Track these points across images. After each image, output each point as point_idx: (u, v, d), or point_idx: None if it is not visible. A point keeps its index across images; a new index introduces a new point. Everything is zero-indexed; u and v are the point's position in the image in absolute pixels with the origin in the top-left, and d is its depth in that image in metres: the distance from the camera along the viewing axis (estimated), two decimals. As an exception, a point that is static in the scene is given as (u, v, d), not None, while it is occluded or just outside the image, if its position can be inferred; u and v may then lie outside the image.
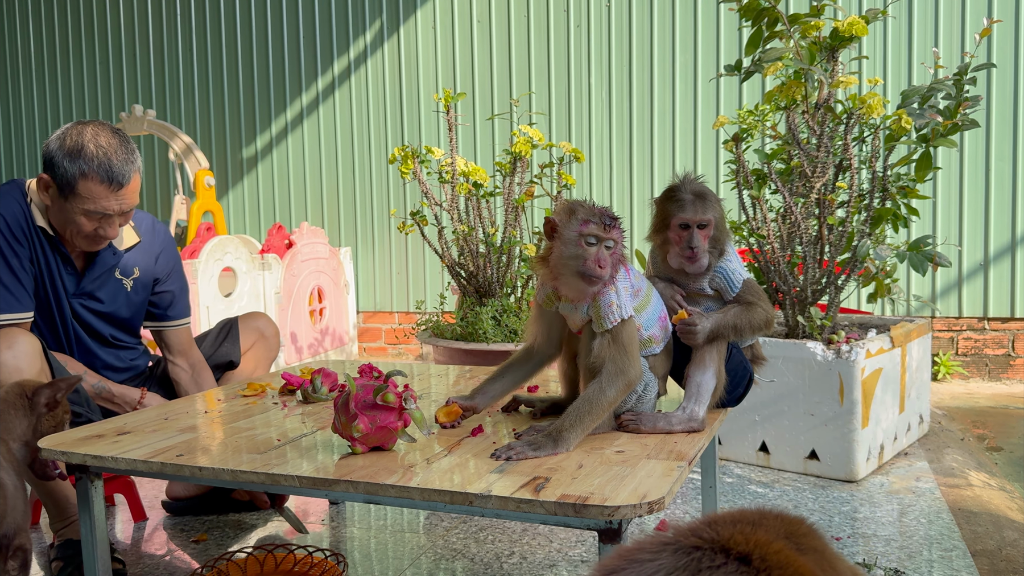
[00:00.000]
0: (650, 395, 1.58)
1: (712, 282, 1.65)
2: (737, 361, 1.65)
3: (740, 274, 1.64)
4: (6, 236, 1.94)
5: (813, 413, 2.52)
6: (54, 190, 1.94)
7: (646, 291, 1.60)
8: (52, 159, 1.93)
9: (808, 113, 2.61)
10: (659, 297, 1.63)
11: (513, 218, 3.19)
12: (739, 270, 1.64)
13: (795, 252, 2.69)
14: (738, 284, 1.63)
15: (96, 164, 1.90)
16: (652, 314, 1.58)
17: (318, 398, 1.95)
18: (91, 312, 2.10)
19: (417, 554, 2.02)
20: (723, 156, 4.23)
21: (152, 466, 1.46)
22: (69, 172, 1.90)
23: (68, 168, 1.90)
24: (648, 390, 1.57)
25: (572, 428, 1.45)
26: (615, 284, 1.51)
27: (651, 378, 1.58)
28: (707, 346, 1.60)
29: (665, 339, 1.62)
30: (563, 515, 1.19)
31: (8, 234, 1.94)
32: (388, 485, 1.31)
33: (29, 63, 5.54)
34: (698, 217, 1.58)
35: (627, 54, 4.39)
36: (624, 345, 1.49)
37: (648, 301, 1.59)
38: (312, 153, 4.97)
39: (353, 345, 4.81)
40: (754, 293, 1.63)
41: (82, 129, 1.94)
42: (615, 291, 1.51)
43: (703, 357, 1.59)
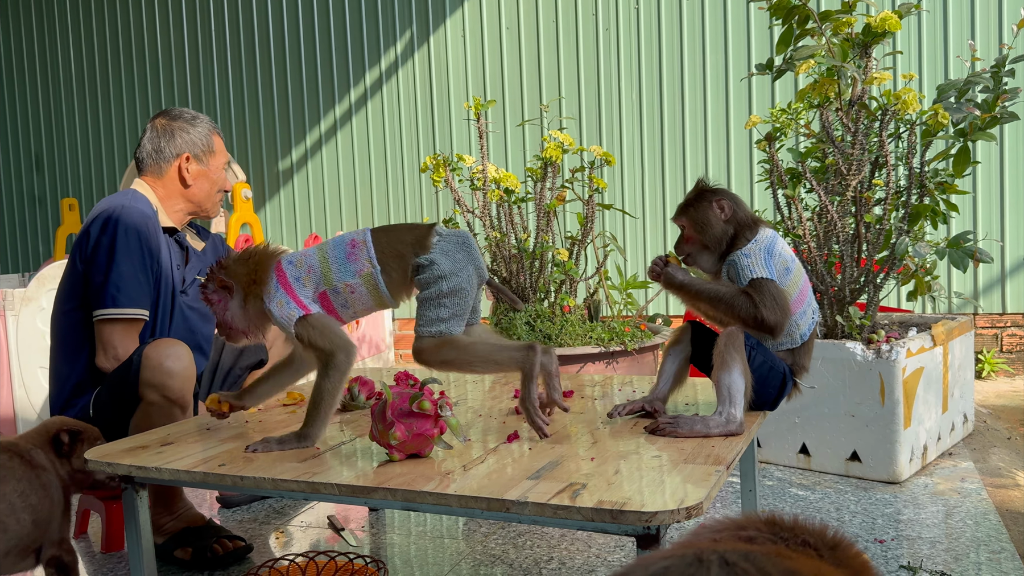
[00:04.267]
0: None
1: (728, 272, 1.68)
2: (760, 361, 1.63)
3: (752, 271, 1.63)
4: (147, 234, 2.01)
5: (854, 414, 2.49)
6: (195, 163, 2.11)
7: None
8: (172, 142, 2.09)
9: (842, 110, 2.58)
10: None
11: (545, 223, 3.19)
12: (752, 266, 1.64)
13: (832, 251, 2.66)
14: (745, 279, 1.63)
15: (208, 122, 2.15)
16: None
17: (356, 406, 1.97)
18: (190, 308, 2.20)
19: (456, 560, 2.03)
20: (756, 155, 4.19)
21: (195, 476, 1.48)
22: (201, 136, 2.11)
23: (199, 134, 2.11)
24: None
25: (311, 423, 1.58)
26: (268, 294, 1.61)
27: None
28: (723, 346, 1.59)
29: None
30: (600, 521, 1.19)
31: (147, 232, 2.01)
32: (426, 492, 1.32)
33: (71, 81, 5.67)
34: (677, 221, 1.74)
35: (656, 56, 4.38)
36: (321, 331, 1.58)
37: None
38: (346, 164, 5.03)
39: (390, 352, 4.85)
40: (758, 290, 1.62)
41: (166, 115, 2.14)
42: (279, 297, 1.61)
43: (723, 358, 1.59)
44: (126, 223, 1.96)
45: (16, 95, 5.82)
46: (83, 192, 5.71)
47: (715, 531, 0.80)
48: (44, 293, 3.05)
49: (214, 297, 1.65)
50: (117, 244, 1.93)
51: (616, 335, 2.97)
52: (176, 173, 2.13)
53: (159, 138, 2.12)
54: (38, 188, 5.84)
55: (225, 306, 1.64)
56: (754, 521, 0.80)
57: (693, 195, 1.73)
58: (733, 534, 0.78)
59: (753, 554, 0.68)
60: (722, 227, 1.69)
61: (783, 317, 1.61)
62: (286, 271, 1.63)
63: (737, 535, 0.78)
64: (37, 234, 5.89)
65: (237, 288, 1.64)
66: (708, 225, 1.69)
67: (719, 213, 1.69)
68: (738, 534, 0.78)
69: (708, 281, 1.68)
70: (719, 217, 1.69)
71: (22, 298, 3.04)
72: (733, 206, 1.70)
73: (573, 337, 3.00)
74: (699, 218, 1.70)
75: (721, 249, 1.70)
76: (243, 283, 1.63)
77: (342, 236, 1.67)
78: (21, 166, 5.86)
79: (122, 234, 1.94)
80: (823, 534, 0.78)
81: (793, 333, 1.67)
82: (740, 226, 1.69)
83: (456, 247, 1.61)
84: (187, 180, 2.13)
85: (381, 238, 1.64)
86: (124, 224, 1.95)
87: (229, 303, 1.64)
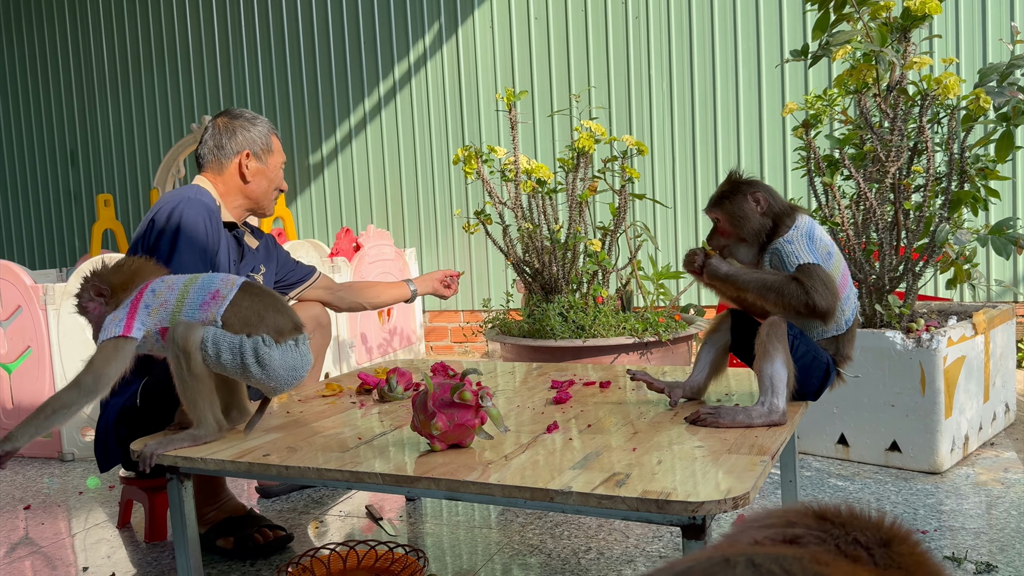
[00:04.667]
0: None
1: (771, 261, 1.65)
2: (803, 351, 1.62)
3: (798, 256, 1.61)
4: (209, 227, 2.04)
5: (894, 404, 2.46)
6: (254, 161, 2.17)
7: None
8: (233, 140, 2.15)
9: (880, 96, 2.54)
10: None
11: (577, 214, 3.18)
12: (797, 252, 1.62)
13: (870, 239, 2.62)
14: (791, 266, 1.61)
15: (267, 122, 2.22)
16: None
17: (394, 397, 1.98)
18: None
19: (494, 549, 2.04)
20: (790, 143, 4.15)
21: (240, 466, 1.50)
22: (261, 135, 2.18)
23: (259, 133, 2.18)
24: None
25: (19, 427, 1.57)
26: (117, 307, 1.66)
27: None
28: (765, 336, 1.58)
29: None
30: (645, 511, 1.19)
31: (209, 225, 2.05)
32: (469, 482, 1.33)
33: (104, 77, 5.74)
34: (710, 214, 1.72)
35: (687, 43, 4.34)
36: (104, 355, 1.60)
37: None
38: (375, 157, 5.05)
39: (420, 344, 4.87)
40: (808, 275, 1.59)
41: (227, 114, 2.20)
42: (119, 313, 1.65)
43: (765, 348, 1.57)
44: (190, 214, 1.99)
45: (51, 91, 5.91)
46: (117, 188, 5.78)
47: (761, 527, 0.78)
48: (84, 287, 3.09)
49: (89, 305, 1.70)
50: (180, 235, 1.97)
51: (650, 325, 2.96)
52: (236, 169, 2.18)
53: (221, 135, 2.17)
54: (73, 184, 5.93)
55: (99, 312, 1.69)
56: (804, 516, 0.78)
57: (727, 187, 1.71)
58: (779, 532, 0.77)
59: (784, 557, 0.67)
60: (759, 220, 1.67)
61: (834, 301, 1.60)
62: (144, 296, 1.67)
63: (783, 533, 0.77)
64: (73, 230, 5.98)
65: (110, 295, 1.69)
66: (745, 218, 1.67)
67: (755, 206, 1.67)
68: (785, 532, 0.76)
69: (752, 269, 1.66)
70: (755, 210, 1.67)
71: (62, 292, 3.09)
72: (768, 197, 1.68)
73: (606, 328, 2.99)
74: (735, 211, 1.67)
75: (760, 241, 1.68)
76: (114, 290, 1.69)
77: (212, 280, 1.69)
78: (56, 162, 5.95)
79: (186, 225, 1.98)
80: (878, 528, 0.76)
81: (838, 319, 1.65)
82: (777, 216, 1.67)
83: (295, 356, 1.65)
84: (246, 176, 2.18)
85: (244, 300, 1.65)
86: (188, 215, 1.99)
87: (102, 309, 1.69)
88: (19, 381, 3.17)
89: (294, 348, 1.65)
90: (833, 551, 0.72)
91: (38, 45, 5.94)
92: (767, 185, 1.71)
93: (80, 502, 2.63)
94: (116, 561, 2.12)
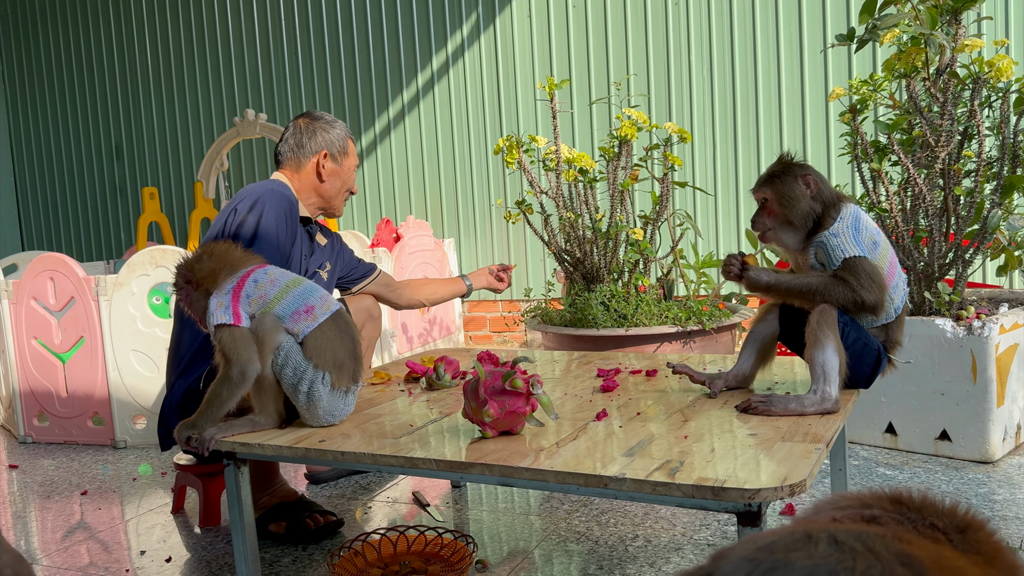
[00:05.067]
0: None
1: (817, 255, 1.63)
2: (854, 338, 1.60)
3: (844, 250, 1.59)
4: (288, 220, 2.11)
5: (944, 392, 2.42)
6: (328, 160, 2.25)
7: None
8: (313, 139, 2.24)
9: (929, 80, 2.50)
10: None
11: (618, 203, 3.18)
12: (843, 246, 1.59)
13: (919, 225, 2.59)
14: (837, 260, 1.59)
15: (344, 127, 2.31)
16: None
17: (442, 385, 2.00)
18: None
19: (541, 536, 2.06)
20: (834, 129, 4.09)
21: (297, 451, 1.53)
22: (339, 137, 2.27)
23: (337, 135, 2.27)
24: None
25: (201, 417, 1.65)
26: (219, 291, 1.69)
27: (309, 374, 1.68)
28: (815, 324, 1.56)
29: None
30: (701, 498, 1.20)
31: (288, 217, 2.11)
32: (522, 468, 1.34)
33: (147, 72, 5.84)
34: (758, 193, 1.69)
35: (728, 28, 4.29)
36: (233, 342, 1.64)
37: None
38: (414, 147, 5.07)
39: (459, 334, 4.90)
40: (853, 272, 1.57)
41: (308, 116, 2.29)
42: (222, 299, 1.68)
43: (815, 336, 1.56)
44: (272, 206, 2.06)
45: (96, 88, 6.03)
46: (162, 181, 5.89)
47: (838, 508, 0.78)
48: (134, 279, 3.16)
49: (184, 291, 1.75)
50: (261, 224, 2.03)
51: (693, 314, 2.95)
52: (314, 168, 2.25)
53: (302, 135, 2.25)
54: (119, 178, 6.04)
55: (190, 300, 1.74)
56: (880, 499, 0.78)
57: (777, 167, 1.69)
58: (857, 512, 0.77)
59: (866, 534, 0.66)
60: (809, 203, 1.65)
61: (882, 294, 1.58)
62: (246, 286, 1.70)
63: (861, 514, 0.76)
64: (119, 223, 6.11)
65: (198, 284, 1.73)
66: (794, 200, 1.65)
67: (805, 188, 1.65)
68: (862, 512, 0.76)
69: (793, 275, 1.64)
70: (805, 193, 1.65)
71: (114, 284, 3.16)
72: (819, 182, 1.66)
73: (648, 317, 2.98)
74: (785, 192, 1.65)
75: (807, 227, 1.66)
76: (202, 280, 1.73)
77: (312, 292, 1.72)
78: (102, 156, 6.08)
79: (267, 217, 2.04)
80: (953, 514, 0.75)
81: (887, 307, 1.64)
82: (825, 203, 1.65)
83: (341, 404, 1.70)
84: (322, 175, 2.26)
85: (329, 330, 1.69)
86: (270, 207, 2.05)
87: (194, 295, 1.74)
88: (73, 370, 3.26)
89: (343, 396, 1.70)
90: (913, 532, 0.71)
91: (83, 43, 6.05)
92: (817, 171, 1.70)
93: (134, 488, 2.69)
94: (171, 545, 2.17)
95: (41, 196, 6.37)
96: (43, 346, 3.32)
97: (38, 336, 3.31)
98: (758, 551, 0.65)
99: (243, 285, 1.70)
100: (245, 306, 1.67)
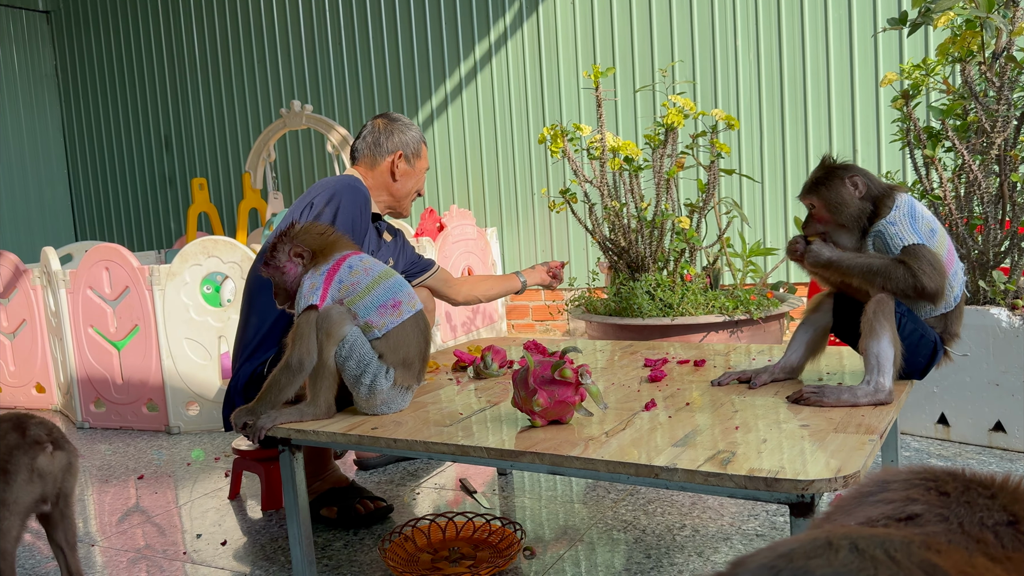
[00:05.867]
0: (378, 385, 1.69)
1: (875, 244, 1.61)
2: (911, 329, 1.58)
3: (902, 238, 1.57)
4: (362, 214, 2.16)
5: (998, 383, 2.38)
6: (403, 161, 2.31)
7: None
8: (390, 140, 2.30)
9: (985, 64, 2.44)
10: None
11: (664, 191, 3.16)
12: (901, 234, 1.57)
13: (974, 213, 2.53)
14: (896, 248, 1.57)
15: (419, 130, 2.36)
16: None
17: (489, 374, 2.02)
18: None
19: (589, 524, 2.07)
20: (884, 115, 4.01)
21: (351, 438, 1.56)
22: (414, 140, 2.33)
23: (412, 138, 2.32)
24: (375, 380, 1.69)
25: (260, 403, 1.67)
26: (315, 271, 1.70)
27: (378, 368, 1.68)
28: (871, 314, 1.55)
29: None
30: (753, 489, 1.19)
31: (362, 212, 2.17)
32: (573, 457, 1.35)
33: (195, 65, 5.94)
34: (805, 200, 1.67)
35: (775, 12, 4.23)
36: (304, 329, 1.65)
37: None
38: (457, 137, 5.09)
39: (502, 323, 4.92)
40: (914, 257, 1.55)
41: (386, 117, 2.35)
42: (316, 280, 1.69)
43: (871, 326, 1.54)
44: (348, 200, 2.11)
45: (145, 80, 6.15)
46: (210, 172, 5.99)
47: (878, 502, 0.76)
48: (187, 268, 3.24)
49: (287, 265, 1.74)
50: (338, 217, 2.08)
51: (741, 303, 2.93)
52: (388, 167, 2.31)
53: (379, 134, 2.31)
54: (168, 169, 6.17)
55: (294, 273, 1.74)
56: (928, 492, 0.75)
57: (821, 173, 1.66)
58: (898, 508, 0.74)
59: (890, 541, 0.65)
60: (858, 204, 1.62)
61: (942, 281, 1.56)
62: (340, 270, 1.71)
63: (902, 510, 0.74)
64: (169, 213, 6.23)
65: (310, 259, 1.73)
66: (844, 204, 1.62)
67: (853, 190, 1.63)
68: (903, 509, 0.74)
69: (856, 254, 1.62)
70: (854, 195, 1.62)
71: (167, 273, 3.24)
72: (866, 181, 1.64)
73: (695, 306, 2.97)
74: (832, 198, 1.63)
75: (861, 225, 1.63)
76: (314, 255, 1.74)
77: (401, 287, 1.74)
78: (152, 147, 6.20)
79: (343, 209, 2.09)
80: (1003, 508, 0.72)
81: (947, 295, 1.61)
82: (877, 199, 1.63)
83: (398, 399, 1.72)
84: (396, 175, 2.32)
85: (408, 327, 1.72)
86: (347, 201, 2.10)
87: (297, 271, 1.74)
88: (128, 358, 3.34)
89: (402, 393, 1.73)
90: (957, 532, 0.69)
91: (133, 36, 6.17)
92: (863, 168, 1.67)
93: (188, 473, 2.76)
94: (226, 529, 2.23)
95: (93, 187, 6.53)
96: (99, 334, 3.41)
97: (94, 324, 3.41)
98: (777, 559, 0.65)
99: (338, 269, 1.72)
100: (335, 291, 1.69)
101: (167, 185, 6.20)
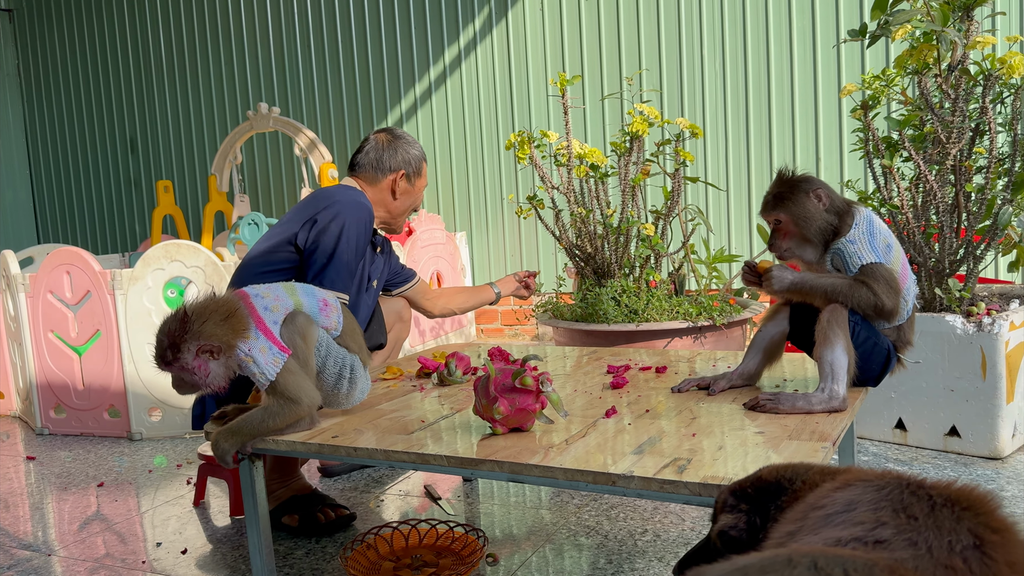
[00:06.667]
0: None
1: (833, 261, 1.64)
2: (864, 337, 1.61)
3: (861, 257, 1.60)
4: (366, 230, 2.15)
5: (953, 388, 2.43)
6: (404, 180, 2.31)
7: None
8: (394, 158, 2.29)
9: (941, 76, 2.50)
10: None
11: (630, 198, 3.18)
12: (860, 252, 1.60)
13: (930, 222, 2.59)
14: (855, 267, 1.59)
15: (421, 148, 2.35)
16: None
17: (453, 381, 2.02)
18: (372, 299, 2.37)
19: (552, 530, 2.08)
20: (846, 125, 4.08)
21: (311, 447, 1.56)
22: (416, 159, 2.32)
23: (414, 157, 2.32)
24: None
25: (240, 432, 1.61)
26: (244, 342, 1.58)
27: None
28: (825, 322, 1.57)
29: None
30: (708, 496, 1.21)
31: (366, 228, 2.16)
32: (532, 465, 1.36)
33: (161, 66, 5.88)
34: (770, 216, 1.68)
35: (740, 23, 4.29)
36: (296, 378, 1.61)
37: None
38: (426, 142, 5.09)
39: (471, 327, 4.92)
40: (872, 276, 1.58)
41: (389, 132, 2.34)
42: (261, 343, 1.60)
43: (826, 335, 1.57)
44: (354, 219, 2.10)
45: (111, 79, 6.07)
46: (176, 174, 5.93)
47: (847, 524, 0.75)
48: (150, 273, 3.20)
49: (196, 364, 1.56)
50: (342, 237, 2.08)
51: (704, 309, 2.96)
52: (389, 185, 2.31)
53: (383, 151, 2.30)
54: (133, 170, 6.09)
55: (207, 370, 1.57)
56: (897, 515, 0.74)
57: (783, 187, 1.67)
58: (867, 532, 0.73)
59: (851, 561, 0.65)
60: (824, 217, 1.64)
61: (898, 299, 1.59)
62: (264, 318, 1.60)
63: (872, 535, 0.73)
64: (134, 215, 6.16)
65: (219, 351, 1.57)
66: (810, 218, 1.64)
67: (818, 203, 1.65)
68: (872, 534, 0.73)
69: (817, 275, 1.64)
70: (819, 207, 1.64)
71: (129, 277, 3.20)
72: (828, 193, 1.66)
73: (660, 312, 3.00)
74: (798, 212, 1.64)
75: (825, 239, 1.65)
76: (225, 341, 1.57)
77: (309, 289, 1.72)
78: (117, 149, 6.12)
79: (348, 228, 2.09)
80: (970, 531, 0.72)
81: (902, 311, 1.64)
82: (839, 213, 1.65)
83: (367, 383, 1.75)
84: (396, 193, 2.32)
85: (347, 320, 1.75)
86: (352, 220, 2.10)
87: (211, 365, 1.57)
88: (89, 363, 3.30)
89: (366, 374, 1.76)
90: (926, 558, 0.69)
91: (98, 35, 6.10)
92: (822, 180, 1.70)
93: (150, 480, 2.73)
94: (187, 537, 2.21)
95: (56, 189, 6.43)
96: (60, 339, 3.36)
97: (55, 329, 3.36)
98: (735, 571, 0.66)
99: (262, 321, 1.60)
100: (276, 329, 1.62)
101: (132, 187, 6.13)
